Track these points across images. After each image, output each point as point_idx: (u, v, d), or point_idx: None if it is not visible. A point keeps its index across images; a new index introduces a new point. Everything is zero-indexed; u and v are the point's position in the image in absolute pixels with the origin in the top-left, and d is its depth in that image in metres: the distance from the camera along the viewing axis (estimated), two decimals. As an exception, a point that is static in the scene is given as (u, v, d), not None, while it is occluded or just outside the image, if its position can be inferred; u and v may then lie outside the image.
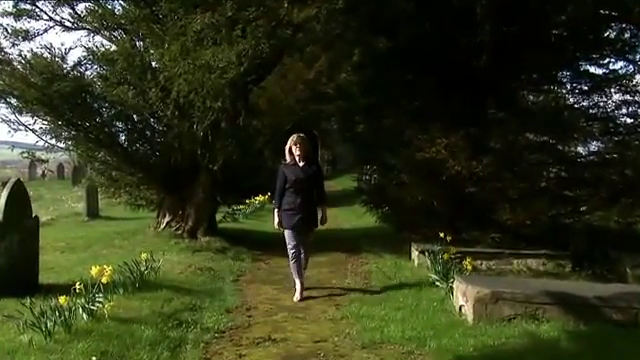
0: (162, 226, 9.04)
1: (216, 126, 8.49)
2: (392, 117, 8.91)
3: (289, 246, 5.67)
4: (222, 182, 9.04)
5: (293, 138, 5.59)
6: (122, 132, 9.16)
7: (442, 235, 6.46)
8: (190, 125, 8.48)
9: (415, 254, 7.46)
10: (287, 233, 5.64)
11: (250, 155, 10.88)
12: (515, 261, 7.25)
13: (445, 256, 6.03)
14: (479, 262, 6.98)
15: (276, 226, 5.72)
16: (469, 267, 5.77)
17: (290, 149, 5.57)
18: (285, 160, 5.65)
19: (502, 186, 7.47)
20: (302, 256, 5.79)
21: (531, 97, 9.10)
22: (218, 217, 10.67)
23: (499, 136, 7.90)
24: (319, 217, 5.73)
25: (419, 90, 8.58)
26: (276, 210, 5.67)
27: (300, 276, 5.73)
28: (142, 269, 5.69)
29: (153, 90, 8.15)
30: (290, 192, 5.53)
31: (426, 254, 6.82)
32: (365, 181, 9.95)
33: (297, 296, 5.62)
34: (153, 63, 8.66)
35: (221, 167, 8.61)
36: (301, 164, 5.56)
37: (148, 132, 9.34)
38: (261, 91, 13.14)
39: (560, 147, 8.29)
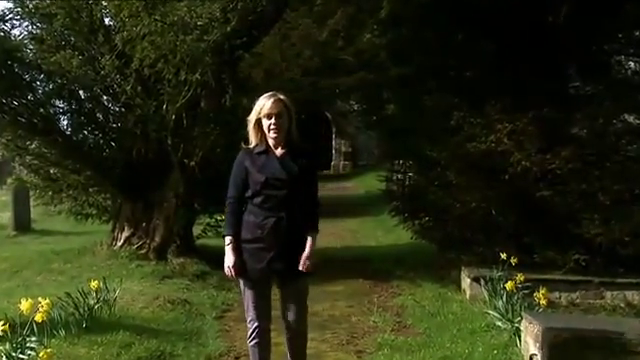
0: (119, 243, 9.11)
1: (193, 107, 8.54)
2: (435, 93, 8.87)
3: (248, 316, 4.10)
4: (201, 183, 9.07)
5: (265, 102, 4.03)
6: (64, 114, 9.24)
7: (504, 256, 6.47)
8: (158, 105, 8.54)
9: (467, 282, 7.49)
10: (246, 290, 4.08)
11: (239, 146, 10.89)
12: (608, 293, 7.24)
13: (509, 285, 5.99)
14: (557, 294, 6.98)
15: (228, 271, 4.03)
16: (543, 301, 5.73)
17: (259, 122, 4.05)
18: (249, 143, 4.14)
19: (589, 189, 7.42)
20: (289, 338, 4.12)
21: (632, 64, 9.01)
22: (196, 230, 10.70)
23: (585, 119, 7.85)
24: (304, 254, 4.00)
25: (472, 56, 8.53)
26: (228, 239, 4.06)
27: None
28: (92, 302, 5.72)
29: (107, 57, 8.20)
30: (256, 205, 4.02)
31: (482, 282, 6.85)
32: (397, 181, 9.93)
33: None
34: (106, 20, 8.73)
35: (200, 163, 8.63)
36: (279, 152, 4.05)
37: (100, 115, 9.42)
38: (255, 59, 13.12)
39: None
